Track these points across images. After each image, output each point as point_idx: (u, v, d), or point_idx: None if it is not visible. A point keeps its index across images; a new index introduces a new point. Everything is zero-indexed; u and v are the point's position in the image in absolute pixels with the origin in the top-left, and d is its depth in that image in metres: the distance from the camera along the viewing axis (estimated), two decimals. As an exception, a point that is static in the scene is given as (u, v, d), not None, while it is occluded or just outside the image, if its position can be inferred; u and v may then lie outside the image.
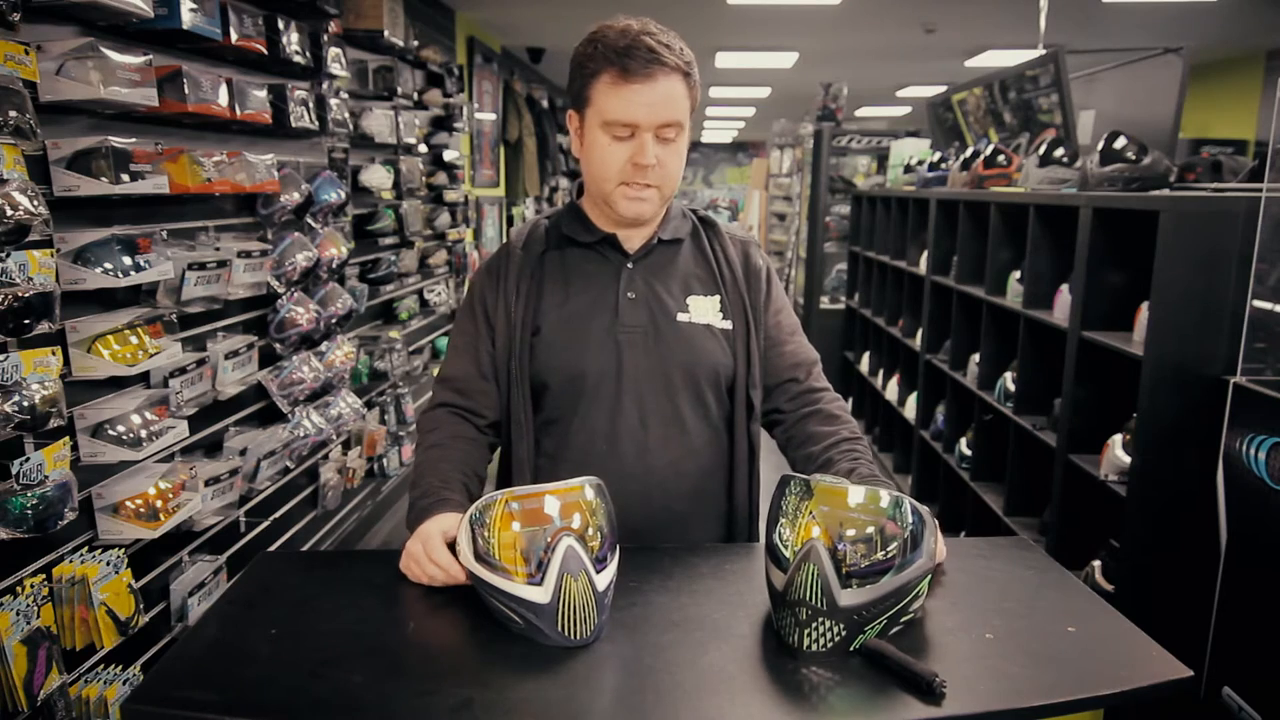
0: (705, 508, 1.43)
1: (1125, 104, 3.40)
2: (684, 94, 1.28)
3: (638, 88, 1.23)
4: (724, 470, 1.42)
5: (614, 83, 1.24)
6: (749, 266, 1.43)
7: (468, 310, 1.44)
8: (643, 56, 1.22)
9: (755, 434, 1.43)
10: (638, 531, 1.33)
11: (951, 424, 3.65)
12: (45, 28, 1.78)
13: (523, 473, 1.39)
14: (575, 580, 1.05)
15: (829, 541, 1.03)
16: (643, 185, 1.29)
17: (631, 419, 1.35)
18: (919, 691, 0.98)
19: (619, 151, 1.28)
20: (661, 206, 1.35)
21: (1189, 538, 2.13)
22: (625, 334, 1.35)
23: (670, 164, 1.29)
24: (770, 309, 1.44)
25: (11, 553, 1.69)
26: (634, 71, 1.23)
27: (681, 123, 1.28)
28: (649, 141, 1.26)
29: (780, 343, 1.44)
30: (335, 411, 2.98)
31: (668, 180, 1.31)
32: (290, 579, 1.30)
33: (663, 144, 1.28)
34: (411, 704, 0.96)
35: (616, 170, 1.29)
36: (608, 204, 1.33)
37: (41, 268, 1.65)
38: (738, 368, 1.38)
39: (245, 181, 2.28)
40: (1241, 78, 6.81)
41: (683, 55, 1.27)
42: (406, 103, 3.89)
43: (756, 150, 17.78)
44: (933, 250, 3.90)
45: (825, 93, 6.73)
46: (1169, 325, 2.13)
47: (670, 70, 1.25)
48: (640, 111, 1.24)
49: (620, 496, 1.19)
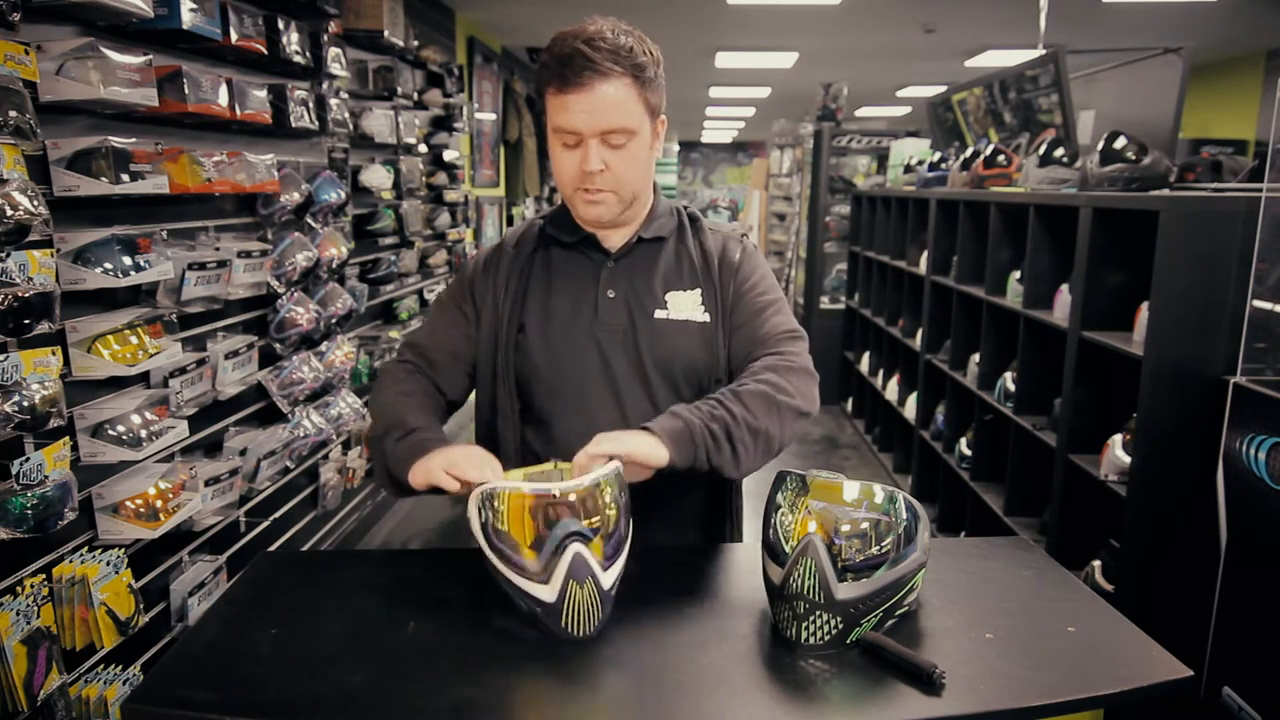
0: (684, 503, 1.44)
1: (1125, 104, 3.40)
2: (632, 98, 1.26)
3: (576, 97, 1.24)
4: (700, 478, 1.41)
5: (555, 93, 1.26)
6: (724, 258, 1.42)
7: (455, 293, 1.45)
8: (580, 65, 1.23)
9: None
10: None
11: (951, 424, 3.65)
12: (45, 28, 1.78)
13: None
14: (581, 587, 1.06)
15: (825, 536, 1.04)
16: (595, 190, 1.30)
17: (612, 416, 1.35)
18: (919, 683, 0.98)
19: (570, 159, 1.29)
20: (622, 208, 1.35)
21: (1189, 538, 2.13)
22: (605, 333, 1.37)
23: (621, 168, 1.29)
24: (739, 289, 1.41)
25: (11, 553, 1.69)
26: (570, 81, 1.24)
27: (629, 128, 1.27)
28: (594, 148, 1.27)
29: (745, 323, 1.40)
30: (335, 411, 2.98)
31: (623, 184, 1.31)
32: (290, 579, 1.30)
33: (611, 149, 1.28)
34: (411, 704, 0.97)
35: (570, 177, 1.31)
36: (572, 208, 1.36)
37: (41, 268, 1.65)
38: (717, 361, 1.39)
39: (245, 181, 2.28)
40: (1241, 78, 6.81)
41: (630, 58, 1.25)
42: (406, 103, 3.89)
43: (756, 150, 17.78)
44: (933, 250, 3.90)
45: (825, 93, 6.73)
46: (1169, 325, 2.13)
47: (609, 76, 1.24)
48: (580, 120, 1.25)
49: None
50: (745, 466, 1.26)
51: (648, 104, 1.29)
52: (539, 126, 7.10)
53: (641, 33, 1.30)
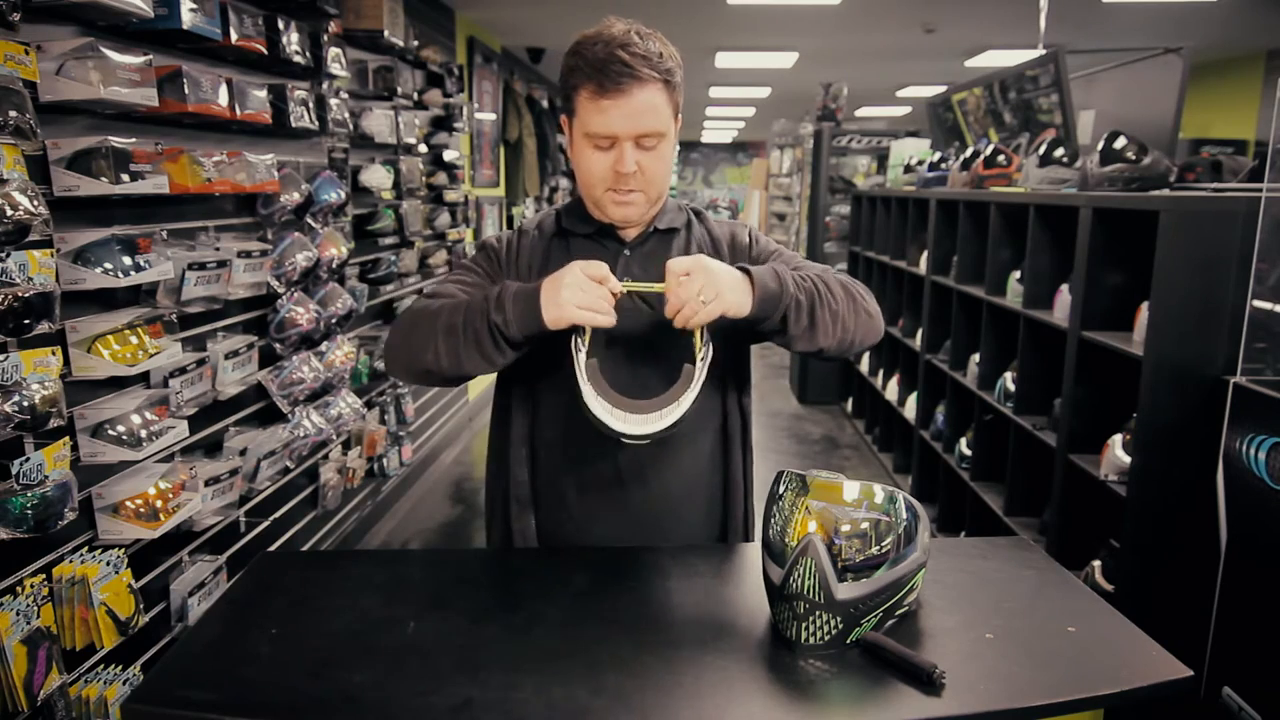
0: (700, 501, 1.45)
1: (1125, 104, 3.40)
2: (664, 102, 1.29)
3: (615, 101, 1.26)
4: (719, 445, 1.44)
5: (592, 97, 1.27)
6: (735, 243, 1.46)
7: (480, 261, 1.45)
8: (617, 71, 1.24)
9: (746, 406, 1.46)
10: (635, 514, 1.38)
11: (951, 424, 3.65)
12: (45, 28, 1.78)
13: (519, 450, 1.40)
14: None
15: (825, 536, 1.04)
16: (627, 190, 1.33)
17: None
18: (919, 683, 0.98)
19: (602, 160, 1.31)
20: (649, 207, 1.38)
21: (1189, 538, 2.13)
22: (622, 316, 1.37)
23: (652, 168, 1.32)
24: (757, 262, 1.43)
25: (11, 553, 1.69)
26: (610, 87, 1.25)
27: (661, 131, 1.31)
28: (629, 150, 1.29)
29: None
30: (335, 411, 2.98)
31: (652, 184, 1.34)
32: (290, 579, 1.30)
33: (643, 151, 1.31)
34: (411, 704, 0.97)
35: (600, 178, 1.33)
36: (597, 207, 1.38)
37: (41, 268, 1.65)
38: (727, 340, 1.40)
39: (245, 181, 2.28)
40: (1241, 78, 6.81)
41: (662, 64, 1.28)
42: (406, 103, 3.89)
43: (756, 150, 17.78)
44: (933, 250, 3.90)
45: (825, 93, 6.72)
46: (1169, 325, 2.13)
47: (646, 82, 1.26)
48: (617, 124, 1.27)
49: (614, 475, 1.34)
50: (818, 342, 1.29)
51: (675, 106, 1.32)
52: (539, 127, 7.10)
53: (659, 34, 1.32)
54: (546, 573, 1.30)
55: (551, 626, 1.13)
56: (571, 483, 1.39)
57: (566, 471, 1.40)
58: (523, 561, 1.38)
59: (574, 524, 1.40)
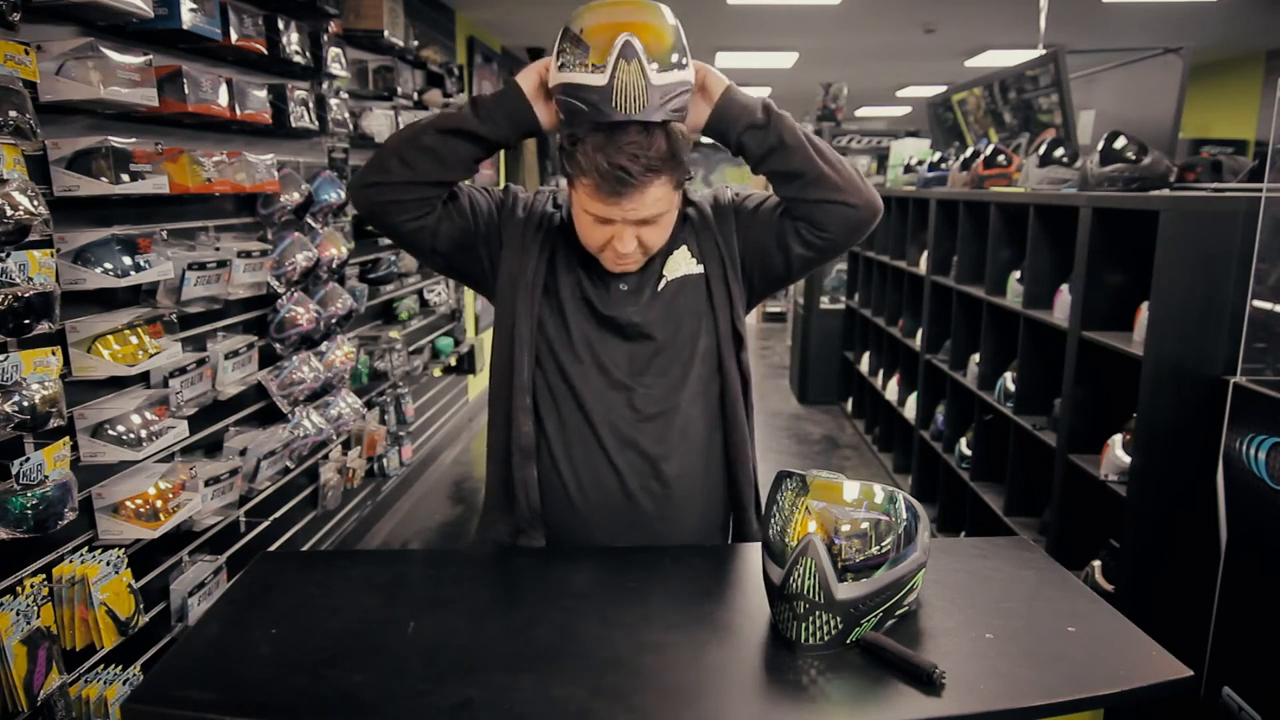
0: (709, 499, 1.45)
1: (1125, 104, 3.40)
2: (668, 187, 1.28)
3: (616, 202, 1.25)
4: (716, 412, 1.43)
5: (592, 195, 1.26)
6: (717, 206, 1.46)
7: (495, 193, 1.44)
8: (620, 178, 1.22)
9: (745, 363, 1.45)
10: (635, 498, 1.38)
11: (951, 424, 3.65)
12: (45, 28, 1.78)
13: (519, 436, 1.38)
14: (629, 63, 1.17)
15: (825, 536, 1.04)
16: (624, 255, 1.32)
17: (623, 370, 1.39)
18: (919, 683, 0.98)
19: (600, 232, 1.31)
20: (647, 261, 1.38)
21: (1189, 538, 2.13)
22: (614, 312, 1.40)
23: (652, 240, 1.33)
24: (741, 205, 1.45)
25: (11, 553, 1.69)
26: (609, 192, 1.24)
27: (663, 212, 1.30)
28: (628, 233, 1.29)
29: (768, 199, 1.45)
30: (335, 411, 2.98)
31: (651, 249, 1.35)
32: (290, 579, 1.30)
33: (644, 227, 1.30)
34: (411, 704, 0.97)
35: (597, 245, 1.33)
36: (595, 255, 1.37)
37: (41, 268, 1.65)
38: (716, 307, 1.41)
39: (245, 181, 2.28)
40: (1241, 78, 6.81)
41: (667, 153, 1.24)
42: (406, 103, 3.89)
43: (756, 150, 17.76)
44: (933, 250, 3.90)
45: (825, 93, 6.73)
46: (1169, 325, 2.13)
47: (648, 185, 1.25)
48: (617, 215, 1.27)
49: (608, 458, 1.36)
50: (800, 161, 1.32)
51: (679, 182, 1.31)
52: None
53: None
54: (546, 573, 1.30)
55: (551, 626, 1.13)
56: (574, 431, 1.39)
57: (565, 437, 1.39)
58: (523, 561, 1.38)
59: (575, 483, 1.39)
